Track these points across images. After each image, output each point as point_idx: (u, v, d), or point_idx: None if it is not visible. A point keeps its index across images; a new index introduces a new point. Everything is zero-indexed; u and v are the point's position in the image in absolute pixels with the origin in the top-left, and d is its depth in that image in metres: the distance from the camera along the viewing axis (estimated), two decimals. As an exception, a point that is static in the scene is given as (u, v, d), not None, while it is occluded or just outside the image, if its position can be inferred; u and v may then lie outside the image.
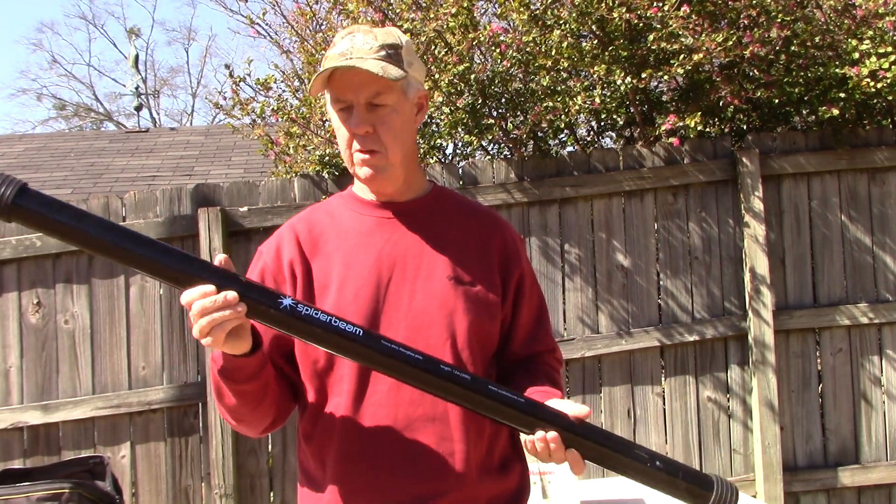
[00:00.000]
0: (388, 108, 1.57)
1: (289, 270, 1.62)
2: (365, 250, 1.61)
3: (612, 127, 5.01)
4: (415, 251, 1.61)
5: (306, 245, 1.64)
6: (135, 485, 4.01)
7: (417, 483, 1.54)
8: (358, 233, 1.64)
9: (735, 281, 4.19)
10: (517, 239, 1.74)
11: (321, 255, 1.63)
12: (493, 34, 4.04)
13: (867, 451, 4.17)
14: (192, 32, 40.48)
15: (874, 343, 4.21)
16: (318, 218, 1.69)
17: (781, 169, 4.20)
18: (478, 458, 1.58)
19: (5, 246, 4.01)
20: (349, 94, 1.56)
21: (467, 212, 1.72)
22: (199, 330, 1.38)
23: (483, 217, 1.73)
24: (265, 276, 1.64)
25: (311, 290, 1.60)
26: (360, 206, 1.68)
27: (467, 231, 1.67)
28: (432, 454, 1.55)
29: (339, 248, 1.63)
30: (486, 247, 1.66)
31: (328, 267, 1.61)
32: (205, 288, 1.37)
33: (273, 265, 1.64)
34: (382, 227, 1.64)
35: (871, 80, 3.90)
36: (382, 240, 1.62)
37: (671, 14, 3.86)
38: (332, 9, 4.77)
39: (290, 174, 4.74)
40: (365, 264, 1.60)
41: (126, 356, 4.04)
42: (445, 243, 1.63)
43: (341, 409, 1.57)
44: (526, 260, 1.74)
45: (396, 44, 1.59)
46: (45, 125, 22.73)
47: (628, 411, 4.12)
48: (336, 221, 1.67)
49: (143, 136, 10.30)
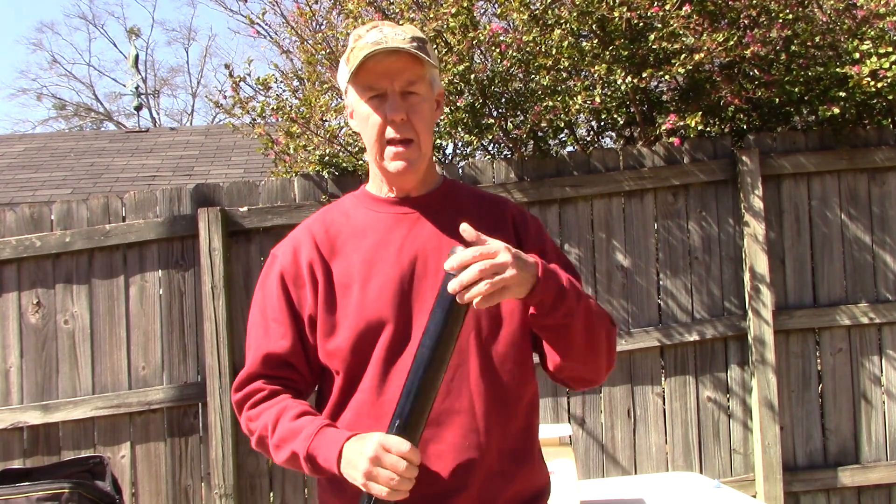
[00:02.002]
0: (419, 96, 1.59)
1: (308, 273, 1.62)
2: (385, 247, 1.62)
3: (613, 127, 5.01)
4: (433, 244, 1.62)
5: (324, 247, 1.64)
6: (135, 485, 4.01)
7: (440, 478, 1.53)
8: (376, 230, 1.64)
9: (735, 281, 4.18)
10: (523, 215, 1.73)
11: (340, 256, 1.63)
12: (493, 34, 4.03)
13: (867, 451, 4.16)
14: (192, 32, 40.52)
15: (874, 343, 4.21)
16: (333, 219, 1.69)
17: (781, 168, 4.20)
18: (502, 451, 1.58)
19: (5, 246, 4.01)
20: (384, 81, 1.57)
21: (478, 201, 1.73)
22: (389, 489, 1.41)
23: (493, 203, 1.73)
24: (285, 279, 1.64)
25: (333, 291, 1.61)
26: (376, 203, 1.68)
27: (480, 219, 1.66)
28: (458, 447, 1.54)
29: (359, 247, 1.63)
30: (497, 229, 1.64)
31: (349, 266, 1.62)
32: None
33: (291, 268, 1.64)
34: (400, 222, 1.65)
35: (871, 79, 3.90)
36: (401, 235, 1.63)
37: (672, 13, 3.86)
38: (331, 8, 4.77)
39: (290, 174, 4.74)
40: (386, 261, 1.61)
41: (126, 356, 4.04)
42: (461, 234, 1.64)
43: (364, 405, 1.57)
44: (539, 234, 1.71)
45: (423, 38, 1.62)
46: (45, 125, 22.73)
47: (628, 411, 4.12)
48: (352, 221, 1.67)
49: (143, 136, 10.30)
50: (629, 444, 4.12)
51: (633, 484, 3.32)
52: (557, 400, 4.09)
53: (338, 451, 1.46)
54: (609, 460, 4.09)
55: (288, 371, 1.63)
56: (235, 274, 4.05)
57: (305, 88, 4.92)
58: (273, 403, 1.59)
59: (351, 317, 1.58)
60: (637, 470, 4.09)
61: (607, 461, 4.09)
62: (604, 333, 1.60)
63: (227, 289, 3.99)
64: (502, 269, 1.38)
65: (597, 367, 1.63)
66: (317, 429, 1.51)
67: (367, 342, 1.57)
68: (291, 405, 1.57)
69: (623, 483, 3.40)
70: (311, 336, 1.62)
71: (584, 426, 4.10)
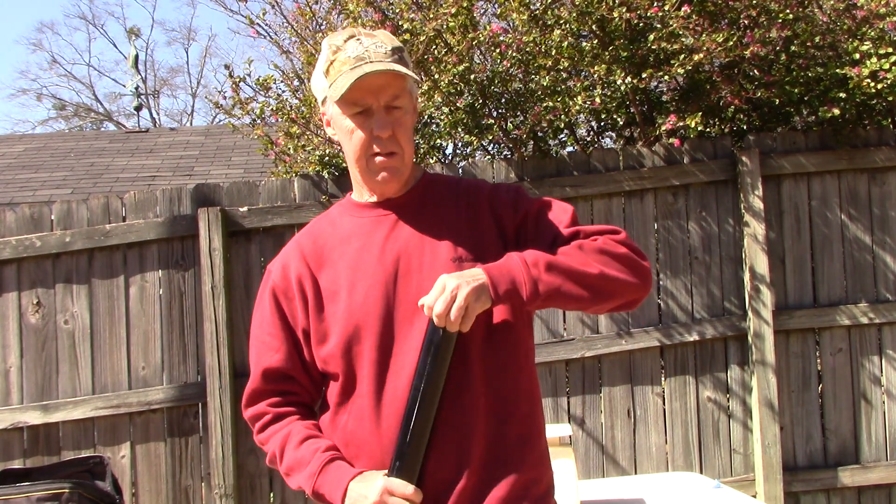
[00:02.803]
0: (402, 110, 1.62)
1: (297, 287, 1.67)
2: (368, 251, 1.65)
3: (612, 127, 5.01)
4: (415, 242, 1.64)
5: (311, 258, 1.68)
6: (135, 485, 4.01)
7: (436, 471, 1.56)
8: (360, 235, 1.67)
9: (735, 281, 4.18)
10: (504, 189, 1.71)
11: (328, 265, 1.67)
12: (492, 34, 4.03)
13: (867, 451, 4.16)
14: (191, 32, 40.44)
15: (874, 343, 4.21)
16: (320, 230, 1.74)
17: (781, 169, 4.20)
18: (499, 458, 1.59)
19: (5, 246, 4.01)
20: (369, 97, 1.59)
21: (455, 191, 1.73)
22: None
23: (468, 189, 1.73)
24: (277, 294, 1.69)
25: (321, 300, 1.65)
26: (358, 210, 1.71)
27: (458, 208, 1.68)
28: (451, 446, 1.56)
29: (344, 254, 1.66)
30: (475, 215, 1.67)
31: (335, 274, 1.65)
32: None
33: (282, 283, 1.69)
34: (380, 224, 1.67)
35: (871, 80, 3.90)
36: (382, 237, 1.65)
37: (672, 14, 3.86)
38: (331, 9, 4.77)
39: (289, 174, 4.74)
40: (370, 264, 1.63)
41: (126, 356, 4.04)
42: (442, 227, 1.65)
43: (364, 409, 1.60)
44: (524, 199, 1.69)
45: (400, 46, 1.65)
46: (45, 125, 22.72)
47: (628, 411, 4.12)
48: (338, 230, 1.71)
49: (143, 137, 10.30)
50: (629, 444, 4.12)
51: (633, 484, 3.32)
52: (557, 400, 4.09)
53: (342, 492, 1.54)
54: (609, 460, 4.09)
55: (289, 384, 1.69)
56: (235, 274, 4.05)
57: (305, 88, 4.92)
58: (278, 429, 1.66)
59: (340, 322, 1.62)
60: (637, 470, 4.09)
61: (607, 461, 4.09)
62: (609, 270, 1.56)
63: (227, 289, 3.99)
64: (455, 292, 1.48)
65: (622, 293, 1.60)
66: (320, 465, 1.58)
67: (357, 344, 1.60)
68: (295, 431, 1.64)
69: (623, 483, 3.40)
70: (307, 348, 1.67)
71: (583, 426, 4.09)
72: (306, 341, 1.66)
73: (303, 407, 1.69)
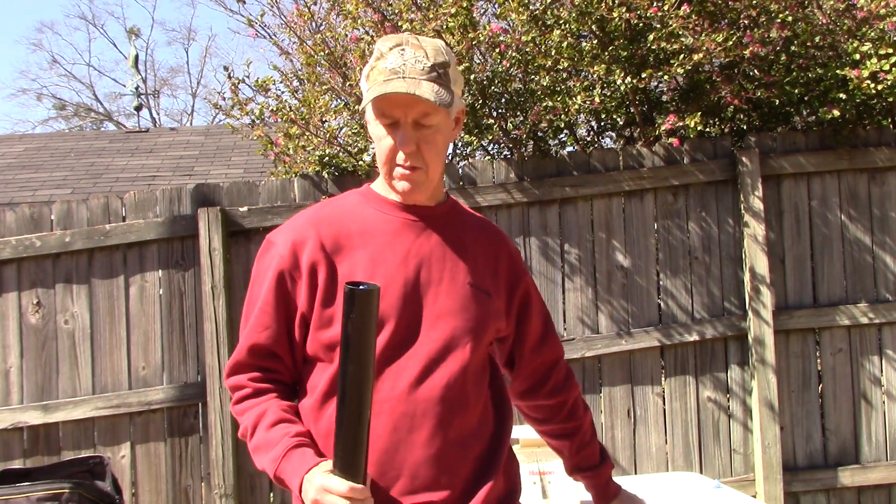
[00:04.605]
0: (433, 128, 1.61)
1: (308, 272, 1.63)
2: (391, 249, 1.65)
3: (612, 127, 5.01)
4: (439, 254, 1.67)
5: (330, 245, 1.65)
6: (135, 485, 4.01)
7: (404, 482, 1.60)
8: (384, 231, 1.67)
9: (735, 281, 4.19)
10: (517, 252, 1.85)
11: (346, 252, 1.65)
12: (492, 34, 4.03)
13: (867, 451, 4.17)
14: (191, 32, 40.54)
15: (874, 343, 4.21)
16: (338, 216, 1.70)
17: (781, 169, 4.20)
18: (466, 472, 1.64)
19: (5, 246, 4.01)
20: (397, 111, 1.59)
21: (477, 224, 1.80)
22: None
23: (490, 230, 1.82)
24: (281, 273, 1.65)
25: (335, 288, 1.62)
26: (385, 205, 1.70)
27: (478, 242, 1.74)
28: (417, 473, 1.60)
29: (365, 245, 1.65)
30: (494, 260, 1.75)
31: (354, 263, 1.64)
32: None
33: (289, 260, 1.64)
34: (409, 228, 1.68)
35: (871, 81, 3.90)
36: (409, 241, 1.66)
37: (671, 14, 3.86)
38: (331, 9, 4.77)
39: (289, 174, 4.74)
40: (392, 263, 1.64)
41: (126, 356, 4.04)
42: (464, 250, 1.70)
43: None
44: (527, 271, 1.84)
45: (445, 62, 1.62)
46: (45, 125, 22.73)
47: (628, 411, 4.12)
48: (359, 218, 1.69)
49: (143, 136, 10.30)
50: (629, 444, 4.12)
51: (633, 484, 3.30)
52: (557, 400, 4.08)
53: (299, 483, 1.53)
54: (609, 460, 4.09)
55: (273, 362, 1.66)
56: (235, 274, 4.05)
57: (305, 89, 4.92)
58: (254, 404, 1.64)
59: None
60: (637, 470, 4.10)
61: (607, 461, 4.09)
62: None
63: (227, 289, 4.00)
64: None
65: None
66: (285, 450, 1.56)
67: None
68: (271, 411, 1.62)
69: (623, 483, 3.39)
70: (299, 331, 1.65)
71: (583, 426, 4.09)
72: (301, 324, 1.64)
73: (283, 385, 1.67)
